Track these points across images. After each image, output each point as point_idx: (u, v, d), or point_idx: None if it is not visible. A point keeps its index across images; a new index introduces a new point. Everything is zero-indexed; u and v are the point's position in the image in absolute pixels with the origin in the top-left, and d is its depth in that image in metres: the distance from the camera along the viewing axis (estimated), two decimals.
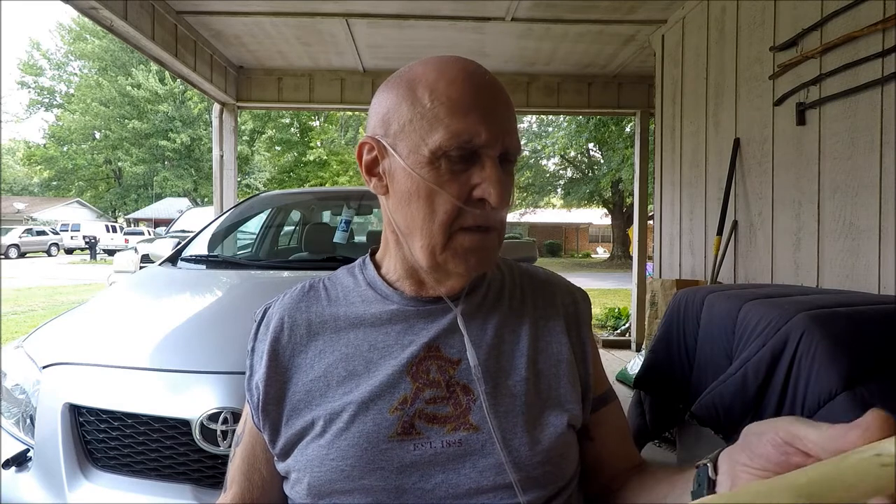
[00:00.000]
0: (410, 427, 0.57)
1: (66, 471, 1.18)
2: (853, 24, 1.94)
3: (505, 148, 0.57)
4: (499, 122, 0.56)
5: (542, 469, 0.57)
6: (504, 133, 0.56)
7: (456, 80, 0.56)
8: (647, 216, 5.09)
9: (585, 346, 0.67)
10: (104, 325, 1.56)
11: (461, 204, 0.56)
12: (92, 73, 30.19)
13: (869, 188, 1.90)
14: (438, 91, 0.56)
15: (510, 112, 0.59)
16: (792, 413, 1.27)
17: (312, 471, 0.57)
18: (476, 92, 0.56)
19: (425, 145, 0.55)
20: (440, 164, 0.56)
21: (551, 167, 22.57)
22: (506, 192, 0.56)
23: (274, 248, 2.89)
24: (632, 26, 3.73)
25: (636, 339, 4.85)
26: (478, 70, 0.58)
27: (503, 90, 0.59)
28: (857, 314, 1.34)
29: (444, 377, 0.60)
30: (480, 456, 0.56)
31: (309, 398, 0.60)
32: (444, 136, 0.54)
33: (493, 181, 0.55)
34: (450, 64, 0.58)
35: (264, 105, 5.14)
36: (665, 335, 1.95)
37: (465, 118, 0.55)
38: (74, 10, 2.84)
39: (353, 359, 0.61)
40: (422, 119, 0.56)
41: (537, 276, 0.72)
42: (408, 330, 0.62)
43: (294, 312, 0.65)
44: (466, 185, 0.56)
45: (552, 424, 0.59)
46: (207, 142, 25.58)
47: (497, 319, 0.64)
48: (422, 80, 0.57)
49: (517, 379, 0.61)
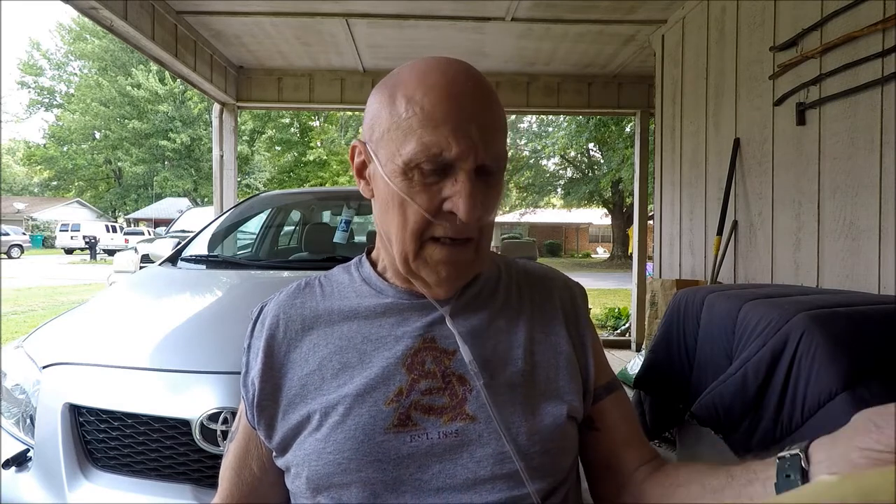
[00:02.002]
0: (407, 418, 0.57)
1: (66, 471, 1.18)
2: (853, 24, 1.94)
3: (480, 162, 0.55)
4: (474, 134, 0.54)
5: (539, 459, 0.57)
6: (479, 146, 0.54)
7: (432, 88, 0.54)
8: (647, 216, 5.09)
9: (584, 337, 0.67)
10: (104, 325, 1.56)
11: (430, 217, 0.56)
12: (92, 73, 30.21)
13: (869, 188, 1.90)
14: (414, 100, 0.54)
15: (492, 121, 0.56)
16: (792, 413, 1.27)
17: (310, 465, 0.57)
18: (451, 102, 0.54)
19: (399, 156, 0.55)
20: (413, 175, 0.55)
21: (551, 167, 22.58)
22: (475, 207, 0.55)
23: (274, 248, 2.89)
24: (632, 26, 3.73)
25: (636, 339, 4.85)
26: (458, 77, 0.56)
27: (487, 97, 0.57)
28: (857, 314, 1.34)
29: (439, 368, 0.60)
30: (478, 446, 0.56)
31: (304, 392, 0.60)
32: (416, 149, 0.54)
33: (463, 195, 0.54)
34: (431, 70, 0.56)
35: (264, 105, 5.14)
36: (665, 335, 1.95)
37: (436, 131, 0.53)
38: (74, 10, 2.84)
39: (347, 351, 0.61)
40: (398, 129, 0.55)
41: (534, 271, 0.73)
42: (402, 322, 0.62)
43: (289, 309, 0.66)
44: (437, 198, 0.55)
45: (551, 415, 0.59)
46: (207, 142, 25.58)
47: (492, 312, 0.64)
48: (401, 86, 0.56)
49: (514, 370, 0.61)
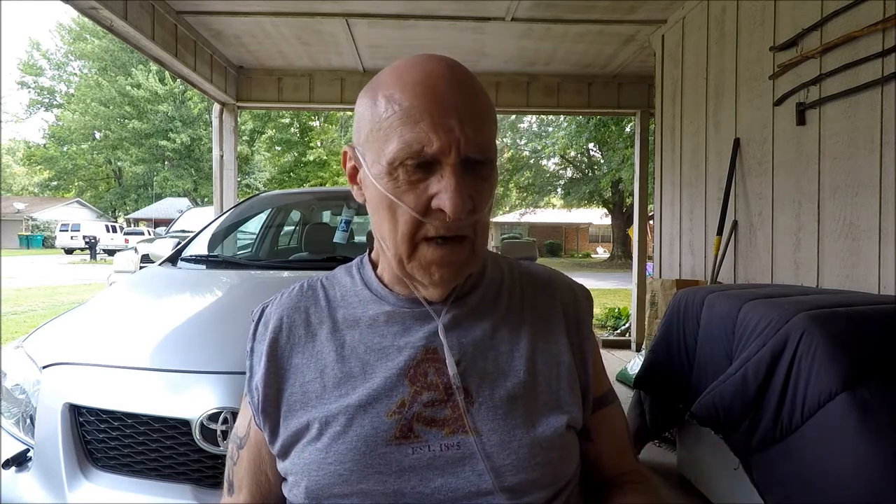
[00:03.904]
0: (409, 430, 0.57)
1: (66, 471, 1.18)
2: (853, 24, 1.94)
3: (464, 154, 0.53)
4: (455, 126, 0.53)
5: (541, 470, 0.57)
6: (461, 138, 0.53)
7: (410, 84, 0.54)
8: (647, 216, 5.09)
9: (585, 346, 0.66)
10: (104, 325, 1.56)
11: (419, 216, 0.55)
12: (92, 73, 30.21)
13: (869, 188, 1.90)
14: (394, 99, 0.54)
15: (475, 111, 0.55)
16: (792, 413, 1.27)
17: (310, 474, 0.56)
18: (429, 96, 0.53)
19: (384, 156, 0.54)
20: (398, 174, 0.54)
21: (551, 167, 22.57)
22: (464, 202, 0.53)
23: (274, 248, 2.89)
24: (632, 26, 3.73)
25: (636, 339, 4.85)
26: (436, 70, 0.55)
27: (467, 87, 0.55)
28: (857, 314, 1.34)
29: (442, 380, 0.59)
30: (480, 459, 0.56)
31: (305, 399, 0.60)
32: (397, 147, 0.53)
33: (450, 191, 0.53)
34: (409, 67, 0.55)
35: (264, 105, 5.14)
36: (665, 335, 1.95)
37: (415, 126, 0.52)
38: (74, 10, 2.84)
39: (349, 360, 0.61)
40: (380, 129, 0.55)
41: (538, 274, 0.71)
42: (404, 332, 0.61)
43: (292, 313, 0.65)
44: (424, 196, 0.54)
45: (552, 426, 0.59)
46: (207, 142, 25.59)
47: (495, 321, 0.63)
48: (381, 87, 0.56)
49: (516, 381, 0.60)
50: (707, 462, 1.84)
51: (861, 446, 1.11)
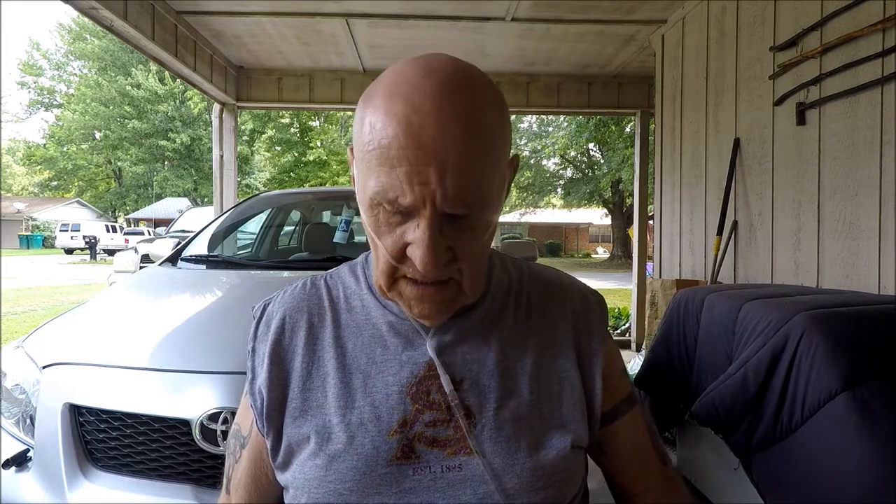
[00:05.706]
0: (410, 451, 0.55)
1: (66, 471, 1.18)
2: (853, 24, 1.94)
3: (440, 209, 0.48)
4: (433, 179, 0.47)
5: (544, 493, 0.55)
6: (437, 192, 0.47)
7: (392, 117, 0.47)
8: (647, 216, 5.09)
9: (594, 357, 0.62)
10: (104, 325, 1.56)
11: (394, 262, 0.52)
12: (92, 73, 30.20)
13: (869, 188, 1.90)
14: (376, 130, 0.48)
15: (469, 157, 0.48)
16: (792, 413, 1.27)
17: (311, 491, 0.56)
18: (411, 137, 0.46)
19: (366, 190, 0.51)
20: (378, 212, 0.51)
21: (551, 167, 22.59)
22: (436, 257, 0.49)
23: (274, 248, 2.89)
24: (632, 26, 3.73)
25: (636, 339, 4.85)
26: (428, 102, 0.47)
27: (467, 123, 0.48)
28: (858, 314, 1.34)
29: (444, 398, 0.57)
30: (482, 481, 0.54)
31: (305, 407, 0.59)
32: (374, 188, 0.49)
33: (421, 247, 0.49)
34: (399, 90, 0.48)
35: (264, 105, 5.14)
36: (665, 335, 1.95)
37: (391, 172, 0.47)
38: (74, 10, 2.84)
39: (351, 370, 0.59)
40: (363, 159, 0.51)
41: (548, 279, 0.67)
42: (407, 345, 0.59)
43: (295, 313, 0.63)
44: (401, 242, 0.51)
45: (555, 448, 0.57)
46: (207, 142, 25.58)
47: (501, 336, 0.61)
48: (371, 104, 0.50)
49: (520, 400, 0.58)
50: (707, 462, 1.84)
51: (861, 446, 1.11)
